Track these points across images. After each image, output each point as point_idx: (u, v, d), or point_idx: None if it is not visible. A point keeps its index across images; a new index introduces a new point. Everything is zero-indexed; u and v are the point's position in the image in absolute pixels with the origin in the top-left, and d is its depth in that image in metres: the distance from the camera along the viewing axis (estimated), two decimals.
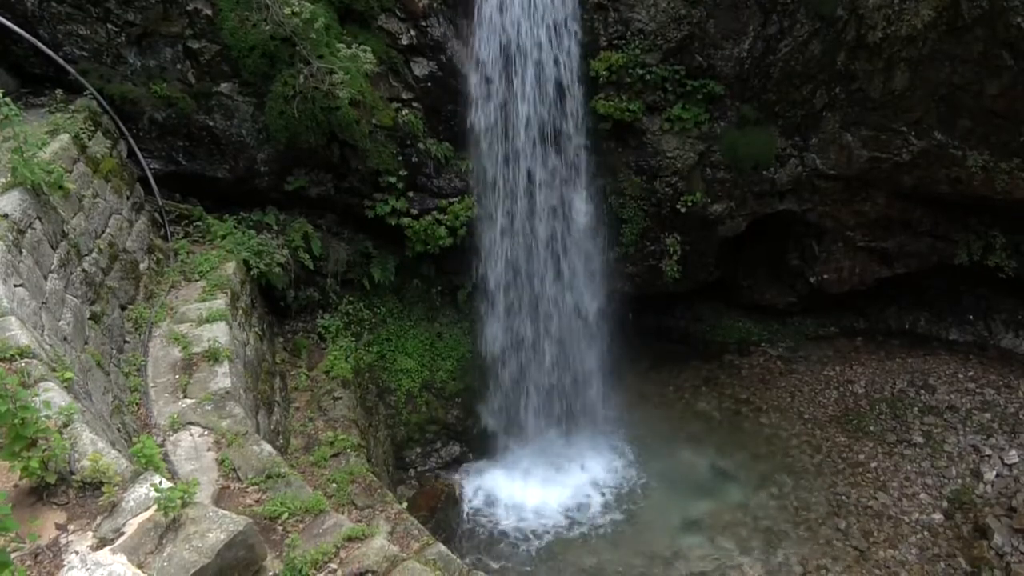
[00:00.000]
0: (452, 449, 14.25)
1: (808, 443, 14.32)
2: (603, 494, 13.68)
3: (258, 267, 11.26)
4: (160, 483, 4.72)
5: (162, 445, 7.58)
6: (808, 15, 12.06)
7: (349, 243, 13.31)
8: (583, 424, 14.92)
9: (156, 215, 11.13)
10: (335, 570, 6.37)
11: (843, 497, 13.13)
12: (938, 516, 12.58)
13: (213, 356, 8.80)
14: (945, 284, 15.39)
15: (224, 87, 11.35)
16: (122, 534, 4.60)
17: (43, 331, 6.90)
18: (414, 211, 12.82)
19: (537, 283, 13.82)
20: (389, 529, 8.68)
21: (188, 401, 8.27)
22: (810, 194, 13.93)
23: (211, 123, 11.46)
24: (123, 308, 9.24)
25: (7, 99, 7.77)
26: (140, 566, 4.38)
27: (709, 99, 12.80)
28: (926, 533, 12.36)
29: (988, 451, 13.15)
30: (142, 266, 10.02)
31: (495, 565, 12.31)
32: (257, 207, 12.35)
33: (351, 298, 13.36)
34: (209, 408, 8.16)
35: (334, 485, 9.48)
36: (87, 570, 4.35)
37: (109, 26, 10.63)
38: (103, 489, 4.77)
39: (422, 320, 14.21)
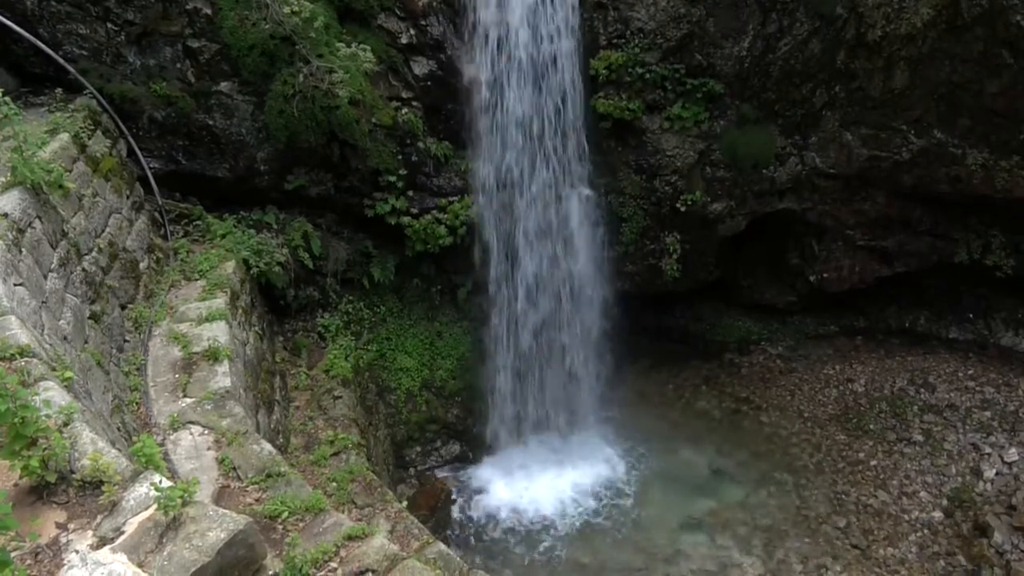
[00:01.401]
0: (452, 448, 14.26)
1: (808, 442, 14.33)
2: (603, 493, 13.69)
3: (258, 266, 11.26)
4: (160, 482, 4.72)
5: (162, 444, 7.58)
6: (808, 14, 12.05)
7: (349, 242, 13.30)
8: (583, 423, 14.93)
9: (156, 214, 11.12)
10: (335, 569, 6.37)
11: (843, 495, 13.14)
12: (938, 514, 12.58)
13: (213, 355, 8.80)
14: (945, 283, 15.39)
15: (224, 86, 11.34)
16: (122, 533, 4.60)
17: (43, 330, 6.90)
18: (414, 210, 12.82)
19: (537, 282, 13.82)
20: (389, 528, 8.68)
21: (188, 400, 8.27)
22: (810, 193, 13.93)
23: (211, 122, 11.46)
24: (123, 307, 9.24)
25: (7, 98, 7.76)
26: (140, 565, 4.38)
27: (709, 98, 12.80)
28: (926, 531, 12.37)
29: (988, 449, 13.15)
30: (142, 265, 10.02)
31: (495, 564, 12.31)
32: (257, 206, 12.35)
33: (351, 297, 13.36)
34: (209, 407, 8.16)
35: (334, 484, 9.48)
36: (87, 569, 4.34)
37: (109, 25, 10.62)
38: (103, 488, 4.77)
39: (422, 319, 14.22)
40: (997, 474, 12.72)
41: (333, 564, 6.41)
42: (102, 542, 4.56)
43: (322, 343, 12.57)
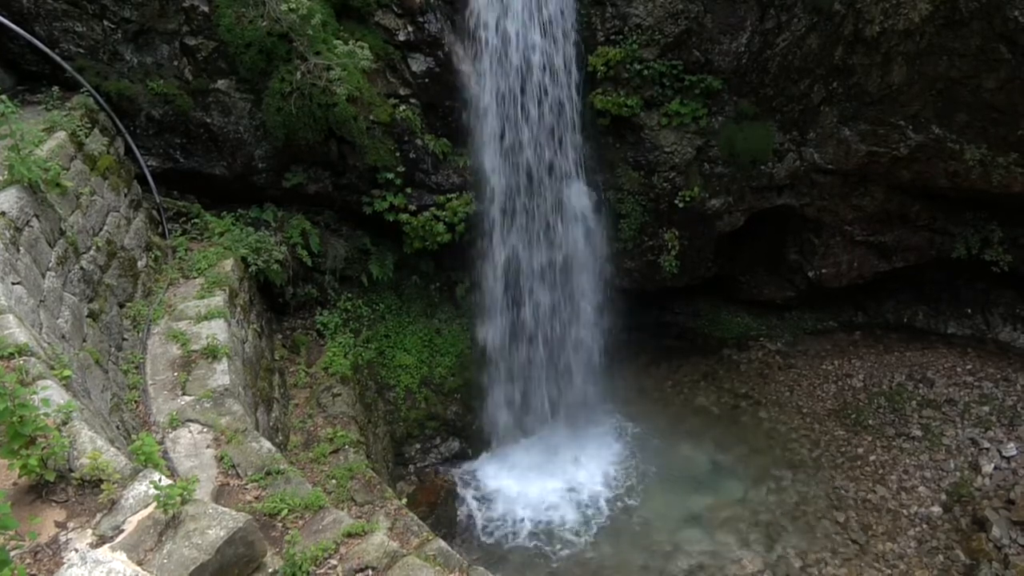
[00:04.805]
0: (451, 445, 14.26)
1: (807, 437, 14.35)
2: (602, 488, 13.71)
3: (256, 264, 11.25)
4: (159, 480, 4.73)
5: (161, 442, 7.59)
6: (805, 9, 12.04)
7: (347, 240, 13.29)
8: (582, 419, 14.94)
9: (154, 212, 11.11)
10: (335, 566, 6.38)
11: (842, 491, 13.16)
12: (937, 509, 12.61)
13: (212, 353, 8.80)
14: (943, 278, 15.40)
15: (221, 84, 11.32)
16: (122, 531, 4.60)
17: (41, 329, 6.90)
18: (412, 207, 12.80)
19: (535, 278, 13.82)
20: (389, 525, 8.69)
21: (187, 398, 8.28)
22: (808, 188, 13.93)
23: (208, 120, 11.44)
24: (121, 306, 9.24)
25: (3, 96, 7.77)
26: (140, 563, 4.38)
27: (707, 94, 12.79)
28: (925, 526, 12.40)
29: (986, 444, 13.17)
30: (140, 263, 10.01)
31: (495, 560, 12.33)
32: (255, 204, 12.34)
33: (350, 295, 13.36)
34: (208, 405, 8.16)
35: (333, 481, 9.49)
36: (87, 568, 4.34)
37: (105, 23, 10.59)
38: (102, 487, 4.78)
39: (421, 316, 14.22)
40: (995, 469, 12.75)
41: (333, 561, 6.41)
42: (101, 540, 4.57)
43: (321, 340, 12.57)
